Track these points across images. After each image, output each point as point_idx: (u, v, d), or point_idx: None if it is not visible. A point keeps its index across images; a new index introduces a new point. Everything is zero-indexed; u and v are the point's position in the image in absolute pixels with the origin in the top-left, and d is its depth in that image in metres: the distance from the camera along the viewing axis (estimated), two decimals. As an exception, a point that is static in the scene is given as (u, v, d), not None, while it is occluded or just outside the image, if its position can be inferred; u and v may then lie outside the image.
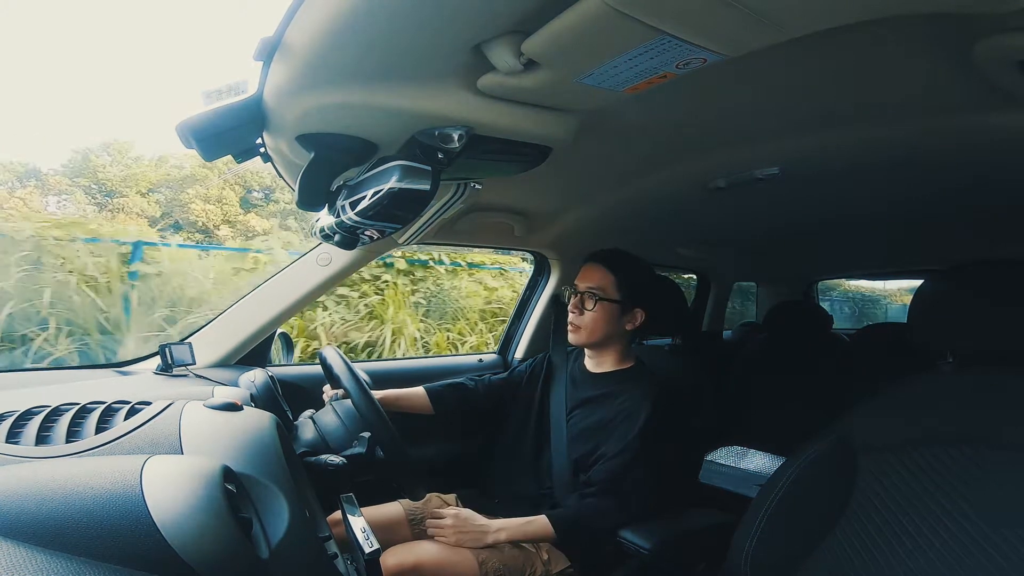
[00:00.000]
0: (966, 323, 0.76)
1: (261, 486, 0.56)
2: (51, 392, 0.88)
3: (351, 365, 0.96)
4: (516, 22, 0.57)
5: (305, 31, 0.57)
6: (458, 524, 1.02)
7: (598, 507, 1.07)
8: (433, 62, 0.64)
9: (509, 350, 1.77)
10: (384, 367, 1.80)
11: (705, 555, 1.12)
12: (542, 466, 1.21)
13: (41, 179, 13.45)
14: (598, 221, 1.48)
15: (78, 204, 13.31)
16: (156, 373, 1.13)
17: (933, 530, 0.68)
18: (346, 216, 0.81)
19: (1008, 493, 0.65)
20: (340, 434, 0.96)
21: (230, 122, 0.71)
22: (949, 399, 0.75)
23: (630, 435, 1.10)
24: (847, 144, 0.95)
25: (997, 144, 0.88)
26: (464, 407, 1.31)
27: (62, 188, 13.56)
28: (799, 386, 1.94)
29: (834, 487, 0.78)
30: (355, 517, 0.77)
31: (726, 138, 0.97)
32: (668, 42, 0.55)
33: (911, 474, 0.73)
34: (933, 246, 1.83)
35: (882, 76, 0.73)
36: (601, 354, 1.24)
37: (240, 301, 1.27)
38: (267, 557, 0.50)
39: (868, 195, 1.26)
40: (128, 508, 0.44)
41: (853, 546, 0.73)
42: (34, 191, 12.90)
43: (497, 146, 0.82)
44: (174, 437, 0.58)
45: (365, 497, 0.94)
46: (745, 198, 1.27)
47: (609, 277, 1.19)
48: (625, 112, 0.80)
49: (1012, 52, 0.59)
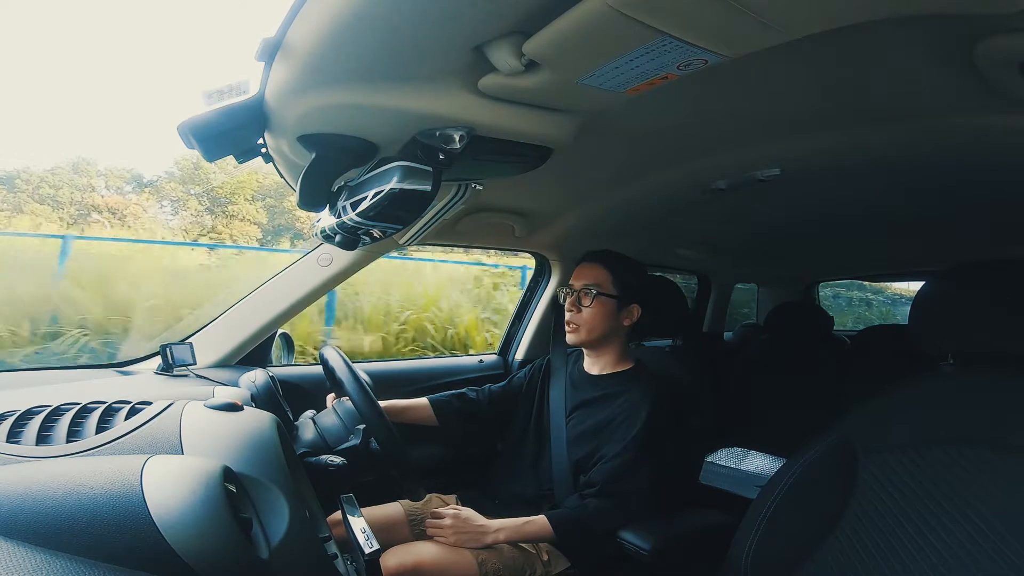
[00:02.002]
0: (967, 324, 0.76)
1: (261, 486, 0.56)
2: (52, 392, 0.88)
3: (352, 366, 0.96)
4: (517, 23, 0.57)
5: (307, 32, 0.57)
6: (457, 524, 1.02)
7: (598, 508, 1.07)
8: (434, 63, 0.64)
9: (510, 351, 1.77)
10: (384, 368, 1.80)
11: (705, 556, 1.12)
12: (542, 468, 1.21)
13: (156, 187, 13.64)
14: (599, 222, 1.48)
15: (193, 212, 13.53)
16: (157, 373, 1.13)
17: (933, 531, 0.68)
18: (347, 216, 0.81)
19: (1009, 494, 0.65)
20: (341, 435, 0.96)
21: (232, 122, 0.71)
22: (950, 400, 0.75)
23: (630, 436, 1.10)
24: (848, 145, 0.95)
25: (997, 145, 0.88)
26: (466, 418, 1.32)
27: (177, 195, 13.72)
28: (800, 387, 1.94)
29: (835, 488, 0.78)
30: (355, 518, 0.77)
31: (727, 139, 0.97)
32: (669, 43, 0.55)
33: (911, 475, 0.73)
34: (934, 247, 1.83)
35: (883, 77, 0.74)
36: (600, 355, 1.24)
37: (241, 301, 1.27)
38: (267, 557, 0.50)
39: (869, 196, 1.26)
40: (128, 508, 0.44)
41: (853, 546, 0.73)
42: (150, 197, 13.17)
43: (498, 147, 0.82)
44: (174, 437, 0.58)
45: (365, 498, 0.94)
46: (746, 199, 1.27)
47: (605, 273, 1.20)
48: (626, 113, 0.80)
49: (1012, 54, 0.59)
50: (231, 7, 25.58)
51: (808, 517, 0.79)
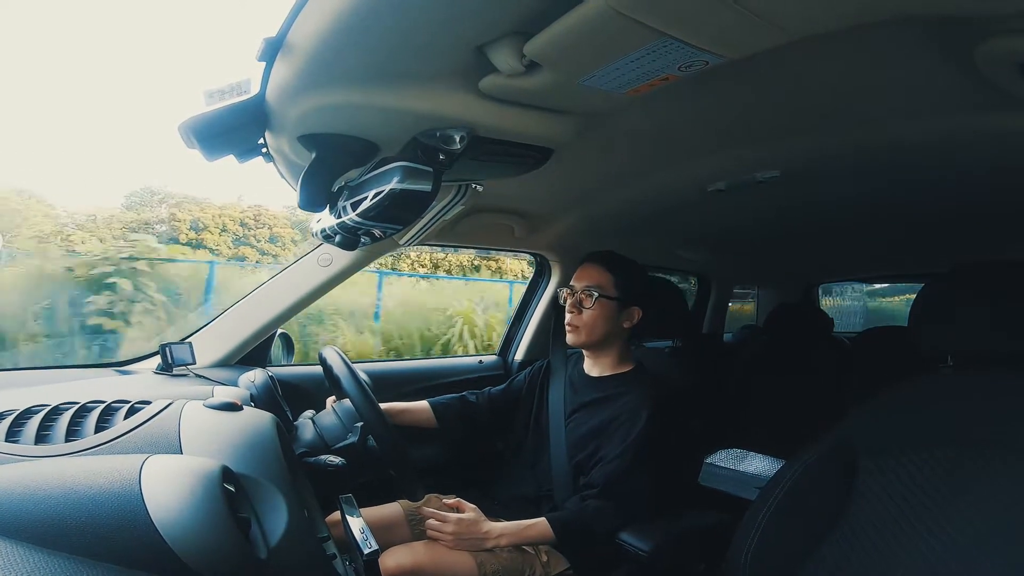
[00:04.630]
0: (966, 325, 0.76)
1: (260, 486, 0.56)
2: (51, 391, 0.88)
3: (351, 365, 0.96)
4: (518, 24, 0.57)
5: (308, 32, 0.57)
6: (459, 530, 1.01)
7: (598, 509, 1.07)
8: (435, 63, 0.64)
9: (509, 352, 1.77)
10: (384, 368, 1.80)
11: (704, 556, 1.12)
12: (541, 469, 1.21)
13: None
14: (599, 223, 1.48)
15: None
16: (156, 372, 1.13)
17: (932, 531, 0.68)
18: (347, 217, 0.81)
19: (1009, 495, 0.65)
20: (340, 434, 0.96)
21: (232, 122, 0.71)
22: (949, 401, 0.75)
23: (630, 438, 1.10)
24: (847, 146, 0.95)
25: (998, 146, 0.88)
26: (467, 421, 1.33)
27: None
28: (800, 389, 1.94)
29: (835, 488, 0.78)
30: (354, 518, 0.77)
31: (726, 140, 0.97)
32: (670, 44, 0.55)
33: (911, 475, 0.72)
34: (934, 247, 1.83)
35: (883, 78, 0.74)
36: (600, 356, 1.24)
37: (241, 301, 1.27)
38: (265, 557, 0.50)
39: (868, 197, 1.26)
40: (127, 507, 0.44)
41: (853, 547, 0.73)
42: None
43: (498, 147, 0.82)
44: (173, 437, 0.58)
45: (364, 498, 0.94)
46: (745, 200, 1.27)
47: (606, 275, 1.20)
48: (626, 114, 0.80)
49: (1012, 54, 0.59)
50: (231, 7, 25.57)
51: (808, 517, 0.79)
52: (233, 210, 13.91)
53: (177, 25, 21.04)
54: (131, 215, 12.98)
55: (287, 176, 0.95)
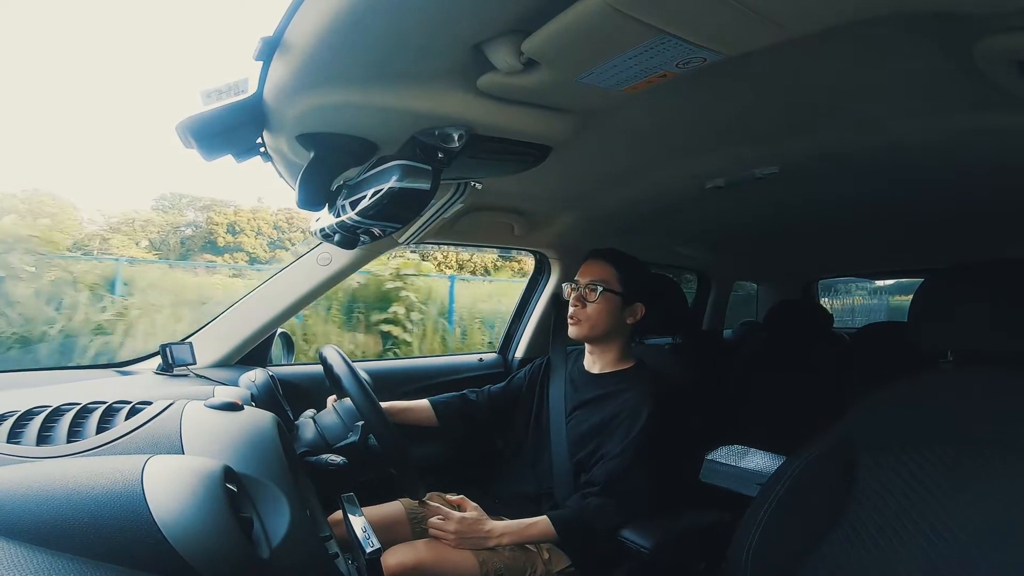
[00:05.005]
0: (966, 322, 0.76)
1: (262, 486, 0.56)
2: (52, 392, 0.88)
3: (352, 365, 0.96)
4: (516, 21, 0.57)
5: (305, 31, 0.57)
6: (461, 530, 1.02)
7: (599, 507, 1.07)
8: (433, 62, 0.64)
9: (509, 349, 1.77)
10: (384, 366, 1.80)
11: (705, 554, 1.12)
12: (542, 467, 1.21)
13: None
14: (598, 220, 1.48)
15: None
16: (157, 373, 1.13)
17: (934, 528, 0.68)
18: (346, 215, 0.81)
19: (1008, 493, 0.65)
20: (341, 433, 0.96)
21: (230, 121, 0.71)
22: (950, 398, 0.75)
23: (631, 435, 1.10)
24: (846, 144, 0.95)
25: (996, 144, 0.88)
26: (467, 419, 1.33)
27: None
28: (800, 385, 1.94)
29: (835, 485, 0.78)
30: (356, 517, 0.77)
31: (725, 137, 0.97)
32: (668, 41, 0.55)
33: (911, 472, 0.73)
34: (933, 245, 1.83)
35: (882, 76, 0.73)
36: (601, 352, 1.24)
37: (240, 301, 1.27)
38: (268, 557, 0.50)
39: (868, 194, 1.26)
40: (129, 508, 0.44)
41: (854, 544, 0.74)
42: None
43: (497, 145, 0.82)
44: (175, 437, 0.58)
45: (366, 497, 0.95)
46: (744, 197, 1.27)
47: (611, 271, 1.21)
48: (625, 111, 0.80)
49: (1012, 52, 0.59)
50: (231, 7, 25.50)
51: (809, 515, 0.79)
52: (265, 213, 13.95)
53: (177, 25, 20.98)
54: (165, 218, 12.97)
55: (285, 175, 0.95)
